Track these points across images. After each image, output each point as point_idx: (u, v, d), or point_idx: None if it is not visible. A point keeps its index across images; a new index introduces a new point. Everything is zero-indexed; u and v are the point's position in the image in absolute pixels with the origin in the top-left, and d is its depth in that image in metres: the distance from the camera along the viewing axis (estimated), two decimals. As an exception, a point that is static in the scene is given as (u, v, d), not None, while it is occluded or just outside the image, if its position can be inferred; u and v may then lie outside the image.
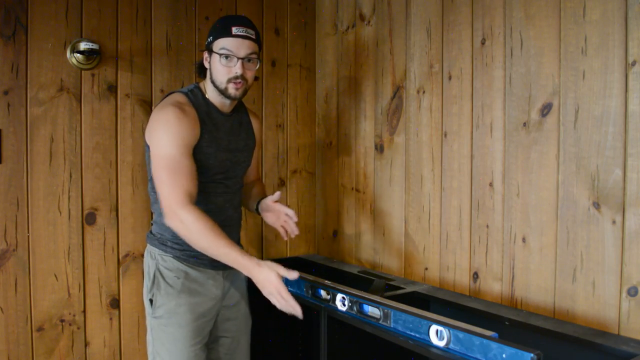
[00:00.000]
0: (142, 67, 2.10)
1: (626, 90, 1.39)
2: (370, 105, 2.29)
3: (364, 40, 2.32)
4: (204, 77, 1.73)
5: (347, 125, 2.43)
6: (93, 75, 1.99)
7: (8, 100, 1.83)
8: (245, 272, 1.55)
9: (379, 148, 2.24)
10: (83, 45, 1.89)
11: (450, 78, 1.91)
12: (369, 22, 2.29)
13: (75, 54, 1.92)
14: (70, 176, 1.95)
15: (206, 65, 1.68)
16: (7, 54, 1.82)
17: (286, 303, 1.49)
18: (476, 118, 1.81)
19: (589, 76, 1.47)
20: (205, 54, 1.68)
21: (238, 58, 1.60)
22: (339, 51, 2.47)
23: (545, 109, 1.59)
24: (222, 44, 1.61)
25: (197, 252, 1.68)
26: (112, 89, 2.03)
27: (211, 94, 1.70)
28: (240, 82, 1.62)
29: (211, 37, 1.65)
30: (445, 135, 1.93)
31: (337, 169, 2.51)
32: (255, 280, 1.54)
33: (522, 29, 1.65)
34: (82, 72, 1.96)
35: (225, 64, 1.61)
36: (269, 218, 1.84)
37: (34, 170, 1.88)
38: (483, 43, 1.78)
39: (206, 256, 1.69)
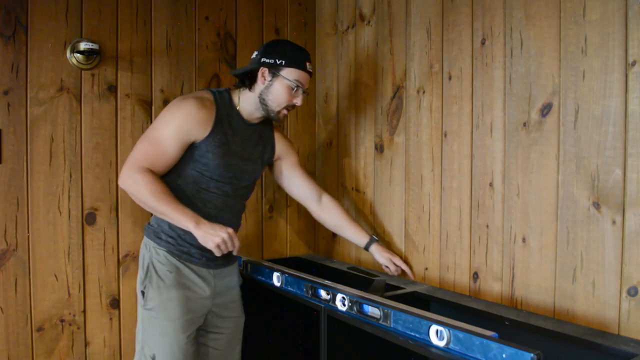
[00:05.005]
0: (142, 67, 2.10)
1: (626, 90, 1.39)
2: (370, 105, 2.29)
3: (364, 40, 2.32)
4: (249, 87, 1.75)
5: (347, 125, 2.43)
6: (93, 75, 1.99)
7: (8, 100, 1.83)
8: (193, 225, 1.61)
9: (379, 148, 2.24)
10: (83, 45, 1.89)
11: (450, 78, 1.91)
12: (369, 22, 2.29)
13: (75, 54, 1.92)
14: (70, 176, 1.96)
15: (262, 82, 1.72)
16: (7, 54, 1.82)
17: (234, 243, 1.65)
18: (476, 118, 1.81)
19: (589, 76, 1.47)
20: (267, 72, 1.71)
21: (303, 91, 1.75)
22: (339, 51, 2.47)
23: (545, 109, 1.59)
24: (296, 75, 1.70)
25: (189, 248, 1.71)
26: (112, 89, 2.04)
27: (244, 104, 1.76)
28: (290, 110, 1.78)
29: (282, 62, 1.69)
30: (445, 135, 1.93)
31: (337, 169, 2.51)
32: (204, 230, 1.61)
33: (522, 29, 1.65)
34: (82, 72, 1.97)
35: (293, 94, 1.73)
36: (381, 259, 2.04)
37: (34, 170, 1.88)
38: (483, 43, 1.78)
39: (197, 254, 1.72)
